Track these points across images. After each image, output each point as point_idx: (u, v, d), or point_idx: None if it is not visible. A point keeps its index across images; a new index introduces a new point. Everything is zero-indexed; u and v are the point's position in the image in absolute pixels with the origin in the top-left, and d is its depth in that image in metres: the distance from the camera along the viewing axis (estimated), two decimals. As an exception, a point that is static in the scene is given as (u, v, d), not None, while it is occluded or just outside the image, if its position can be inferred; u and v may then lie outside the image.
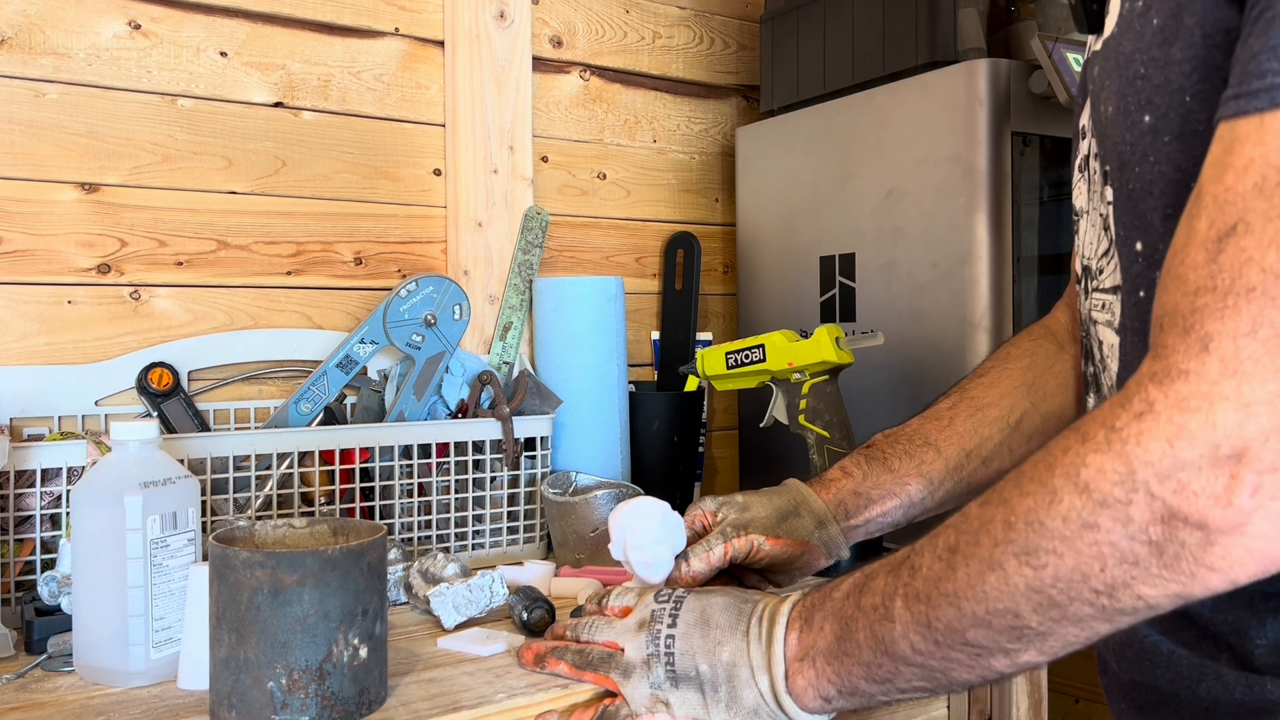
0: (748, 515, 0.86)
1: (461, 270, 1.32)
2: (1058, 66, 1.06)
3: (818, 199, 1.30)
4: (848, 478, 0.89)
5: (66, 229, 1.12)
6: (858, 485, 0.88)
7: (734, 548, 0.83)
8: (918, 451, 0.87)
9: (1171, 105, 0.55)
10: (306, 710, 0.67)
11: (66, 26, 1.11)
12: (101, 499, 0.78)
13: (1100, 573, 0.50)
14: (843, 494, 0.88)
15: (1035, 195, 1.11)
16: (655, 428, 1.34)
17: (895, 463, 0.87)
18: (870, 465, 0.88)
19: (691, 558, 0.83)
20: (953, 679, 0.58)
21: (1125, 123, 0.58)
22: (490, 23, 1.34)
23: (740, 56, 1.61)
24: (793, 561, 0.85)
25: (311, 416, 1.15)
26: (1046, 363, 0.85)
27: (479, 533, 1.18)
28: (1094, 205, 0.67)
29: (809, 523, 0.86)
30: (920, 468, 0.87)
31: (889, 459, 0.88)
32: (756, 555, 0.84)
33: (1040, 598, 0.52)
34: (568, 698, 0.74)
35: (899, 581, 0.59)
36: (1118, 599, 0.50)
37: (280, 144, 1.23)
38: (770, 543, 0.84)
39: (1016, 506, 0.53)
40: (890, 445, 0.89)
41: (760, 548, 0.83)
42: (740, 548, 0.83)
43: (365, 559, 0.70)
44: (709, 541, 0.83)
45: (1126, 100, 0.58)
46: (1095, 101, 0.63)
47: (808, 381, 1.08)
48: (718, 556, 0.83)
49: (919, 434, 0.89)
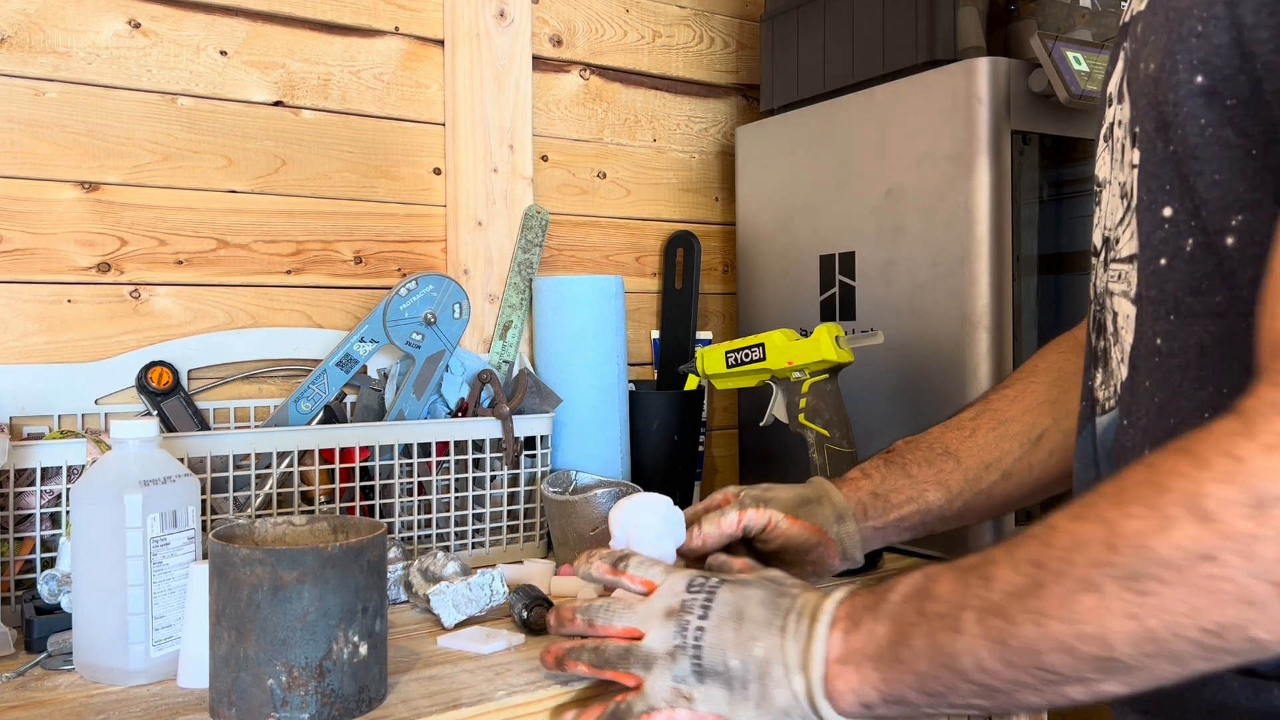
0: (768, 495, 0.85)
1: (461, 269, 1.32)
2: (1058, 65, 1.06)
3: (817, 198, 1.30)
4: (867, 479, 0.88)
5: (66, 228, 1.12)
6: (876, 487, 0.87)
7: (748, 517, 0.82)
8: (937, 460, 0.86)
9: (1236, 68, 0.53)
10: (306, 708, 0.67)
11: (66, 25, 1.11)
12: (101, 497, 0.78)
13: (1212, 609, 0.46)
14: (862, 494, 0.87)
15: (1035, 194, 1.11)
16: (655, 427, 1.34)
17: (914, 469, 0.86)
18: (889, 470, 0.87)
19: (705, 522, 0.81)
20: (1016, 701, 0.55)
21: (1171, 81, 0.56)
22: (490, 22, 1.34)
23: (740, 56, 1.61)
24: (808, 549, 0.83)
25: (311, 415, 1.15)
26: (1072, 378, 0.84)
27: (479, 531, 1.18)
28: (1114, 174, 0.65)
29: (829, 514, 0.85)
30: (939, 476, 0.86)
31: (908, 465, 0.87)
32: (772, 532, 0.82)
33: (1137, 628, 0.48)
34: (571, 693, 0.74)
35: (969, 591, 0.55)
36: (1226, 639, 0.46)
37: (280, 143, 1.23)
38: (788, 521, 0.82)
39: (1121, 528, 0.49)
40: (910, 452, 0.88)
41: (777, 525, 0.82)
42: (755, 519, 0.82)
43: (365, 556, 0.70)
44: (725, 509, 0.82)
45: (1175, 58, 0.55)
46: (1134, 61, 0.61)
47: (807, 380, 1.08)
48: (730, 523, 0.81)
49: (939, 443, 0.88)
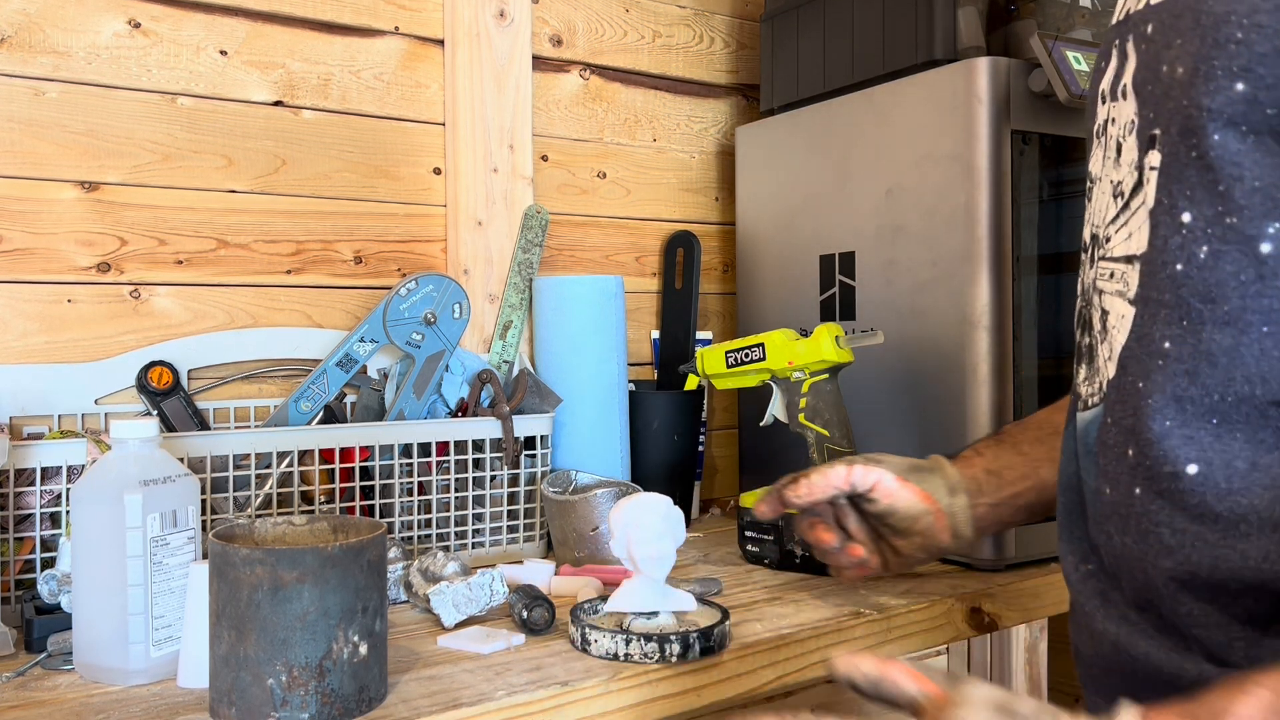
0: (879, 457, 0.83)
1: (461, 269, 1.32)
2: (1057, 65, 1.06)
3: (817, 198, 1.30)
4: (980, 456, 0.87)
5: (66, 228, 1.12)
6: (990, 464, 0.86)
7: (856, 472, 0.80)
8: (1048, 439, 0.86)
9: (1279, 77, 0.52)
10: (306, 707, 0.67)
11: (66, 25, 1.11)
12: (101, 497, 0.78)
13: None
14: (975, 470, 0.85)
15: (1035, 194, 1.11)
16: (655, 427, 1.34)
17: (1027, 448, 0.86)
18: (1001, 448, 0.86)
19: (811, 472, 0.80)
20: None
21: (1207, 87, 0.55)
22: (490, 22, 1.34)
23: (740, 55, 1.61)
24: (916, 517, 0.82)
25: (311, 415, 1.15)
26: None
27: (479, 531, 1.18)
28: (1106, 172, 0.64)
29: (941, 484, 0.84)
30: (1053, 454, 0.84)
31: (1020, 444, 0.86)
32: (879, 491, 0.80)
33: None
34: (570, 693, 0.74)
35: None
36: None
37: (280, 143, 1.23)
38: (898, 482, 0.81)
39: None
40: (1021, 432, 0.87)
41: (884, 483, 0.80)
42: (863, 475, 0.80)
43: (365, 556, 0.70)
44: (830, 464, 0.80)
45: (1212, 64, 0.54)
46: (1149, 62, 0.60)
47: (807, 380, 1.08)
48: (838, 475, 0.80)
49: (1049, 422, 0.87)
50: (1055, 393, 1.12)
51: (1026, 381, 1.10)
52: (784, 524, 1.09)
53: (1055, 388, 1.12)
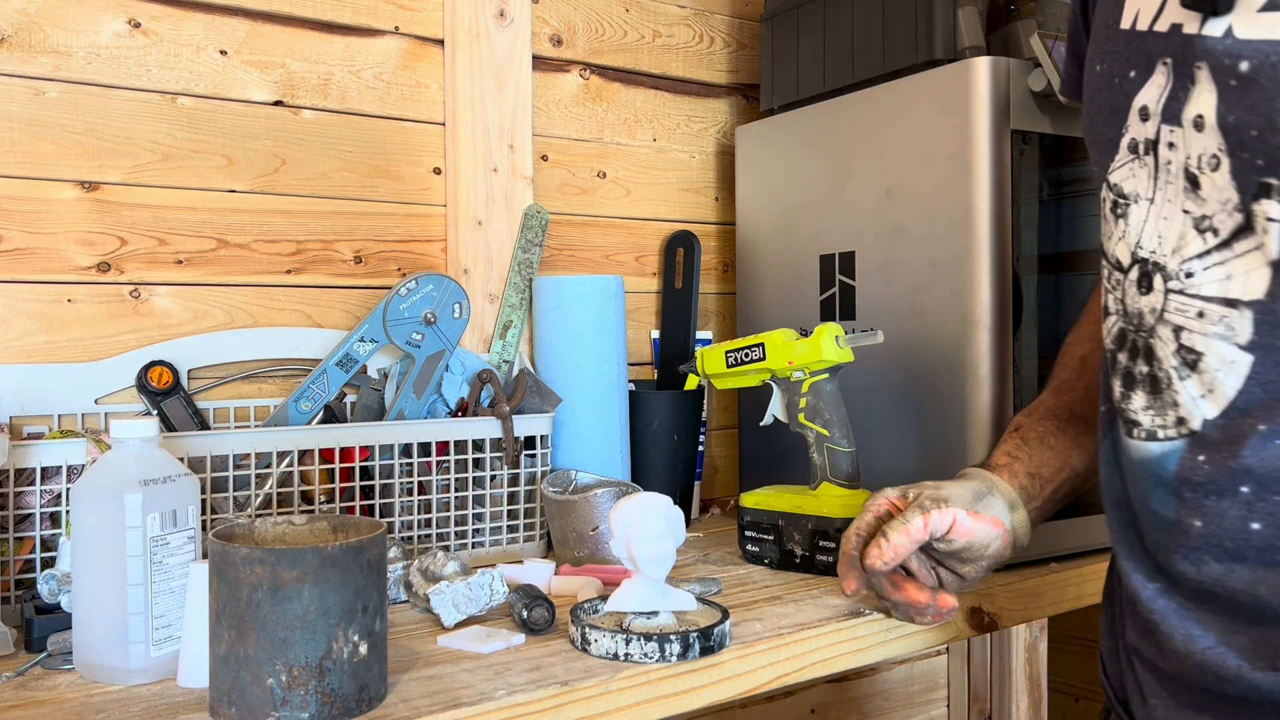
0: (942, 493, 0.82)
1: (461, 269, 1.32)
2: (1058, 64, 1.06)
3: (817, 197, 1.30)
4: (1018, 461, 0.86)
5: (66, 227, 1.12)
6: (1029, 467, 0.86)
7: (933, 520, 0.79)
8: (1067, 427, 0.86)
9: None
10: (306, 707, 0.67)
11: (66, 25, 1.11)
12: (101, 497, 0.78)
13: None
14: (1021, 478, 0.85)
15: (1035, 194, 1.11)
16: (655, 426, 1.34)
17: (1051, 440, 0.86)
18: (1030, 446, 0.86)
19: (890, 533, 0.79)
20: None
21: None
22: (490, 21, 1.34)
23: (740, 55, 1.61)
24: (988, 544, 0.82)
25: (311, 415, 1.15)
26: None
27: (479, 531, 1.18)
28: (1166, 196, 0.64)
29: (1003, 504, 0.83)
30: (1076, 440, 0.85)
31: (1044, 438, 0.86)
32: (956, 531, 0.80)
33: None
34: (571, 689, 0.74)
35: None
36: None
37: (280, 142, 1.23)
38: (971, 517, 0.80)
39: None
40: (1038, 424, 0.87)
41: (960, 522, 0.80)
42: (940, 521, 0.79)
43: (365, 555, 0.70)
44: (904, 516, 0.79)
45: None
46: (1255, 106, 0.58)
47: (807, 380, 1.08)
48: (917, 529, 0.79)
49: (1060, 409, 0.87)
50: (1055, 392, 1.12)
51: (1026, 381, 1.10)
52: (784, 524, 1.09)
53: (1055, 387, 1.12)
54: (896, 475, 1.17)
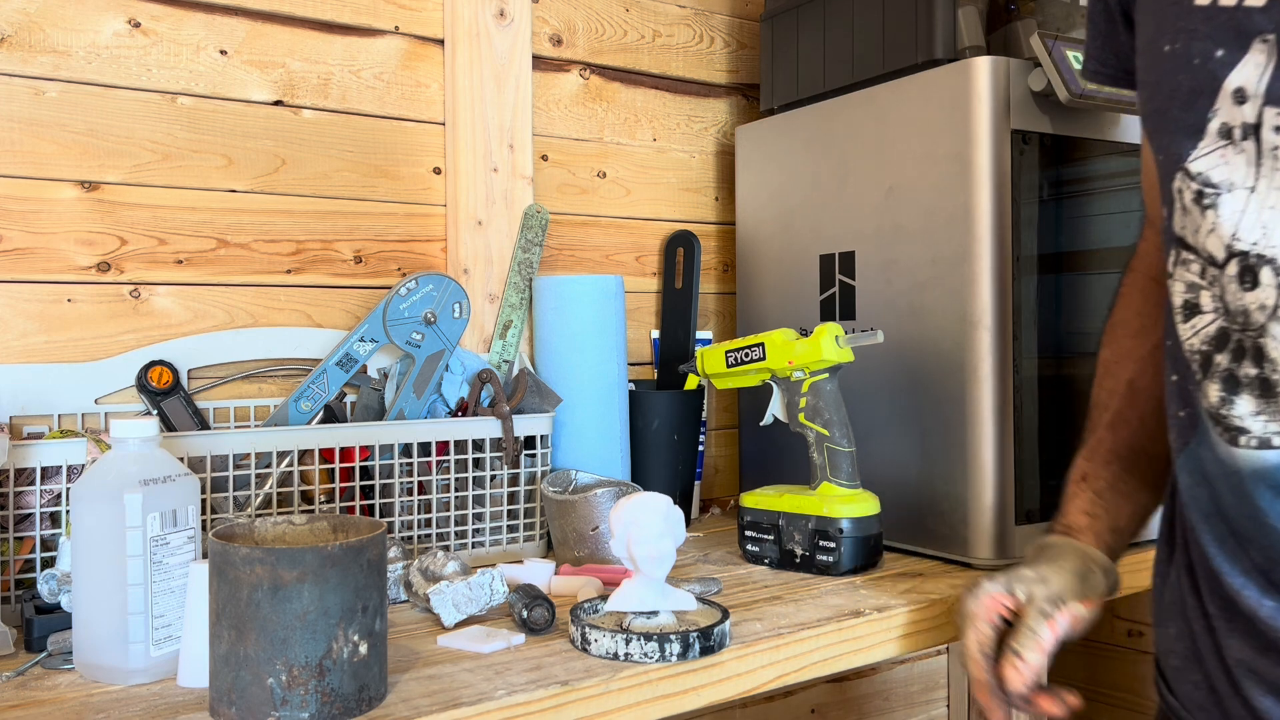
0: (1054, 588, 0.79)
1: (461, 268, 1.32)
2: (1058, 64, 1.06)
3: (817, 197, 1.30)
4: (1097, 519, 0.85)
5: (66, 227, 1.12)
6: (1112, 523, 0.84)
7: (1060, 625, 0.77)
8: (1132, 467, 0.84)
9: None
10: (306, 706, 0.67)
11: (66, 25, 1.11)
12: (101, 497, 0.78)
13: None
14: (1104, 536, 0.84)
15: (1035, 193, 1.11)
16: (655, 426, 1.34)
17: (1121, 485, 0.85)
18: (1104, 499, 0.85)
19: (1023, 651, 0.76)
20: None
21: None
22: (490, 21, 1.34)
23: (740, 55, 1.61)
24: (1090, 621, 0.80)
25: (311, 415, 1.15)
26: (1154, 316, 0.82)
27: (479, 531, 1.18)
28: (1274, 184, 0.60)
29: (1102, 580, 0.82)
30: (1144, 478, 0.84)
31: (1114, 484, 0.85)
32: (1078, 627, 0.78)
33: None
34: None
35: None
36: None
37: (280, 142, 1.23)
38: (1085, 607, 0.78)
39: None
40: (1105, 469, 0.85)
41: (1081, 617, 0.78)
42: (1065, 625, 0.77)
43: (365, 555, 0.70)
44: (1029, 627, 0.76)
45: None
46: None
47: (807, 380, 1.08)
48: (1048, 641, 0.76)
49: (1122, 445, 0.85)
50: (1055, 392, 1.12)
51: (1026, 381, 1.10)
52: (784, 524, 1.09)
53: (1055, 388, 1.12)
54: (896, 475, 1.17)
